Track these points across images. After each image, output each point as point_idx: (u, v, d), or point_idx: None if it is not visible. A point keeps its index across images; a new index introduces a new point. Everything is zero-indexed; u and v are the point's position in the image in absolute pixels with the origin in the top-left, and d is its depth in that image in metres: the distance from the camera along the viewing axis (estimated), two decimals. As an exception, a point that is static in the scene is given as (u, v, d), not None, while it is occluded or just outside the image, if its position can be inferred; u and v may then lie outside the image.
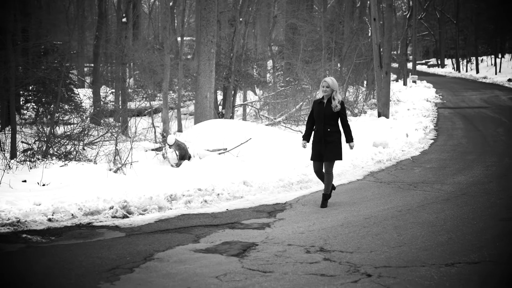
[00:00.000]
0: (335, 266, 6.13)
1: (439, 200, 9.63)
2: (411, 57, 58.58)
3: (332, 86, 9.11)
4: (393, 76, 46.16)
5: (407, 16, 47.00)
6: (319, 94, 9.33)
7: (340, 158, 9.34)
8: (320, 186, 11.16)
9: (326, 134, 9.14)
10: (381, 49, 23.28)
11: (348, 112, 25.08)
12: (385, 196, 10.02)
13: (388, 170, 12.91)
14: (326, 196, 9.31)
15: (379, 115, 23.14)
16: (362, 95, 29.12)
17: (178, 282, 5.69)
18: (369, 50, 27.16)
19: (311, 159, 9.44)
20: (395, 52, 54.00)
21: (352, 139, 9.41)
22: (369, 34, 28.59)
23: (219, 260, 6.43)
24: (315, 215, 8.67)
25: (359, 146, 15.31)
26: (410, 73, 50.68)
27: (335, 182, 11.49)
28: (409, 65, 56.47)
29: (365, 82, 32.14)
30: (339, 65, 29.20)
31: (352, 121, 22.60)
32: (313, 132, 9.42)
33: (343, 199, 9.83)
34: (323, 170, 9.43)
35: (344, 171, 12.47)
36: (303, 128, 20.28)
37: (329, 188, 9.33)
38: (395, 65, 52.12)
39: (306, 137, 9.56)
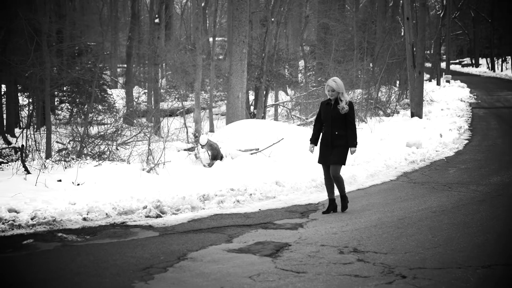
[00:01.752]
0: (369, 267, 6.07)
1: (475, 201, 9.47)
2: (444, 56, 57.83)
3: (337, 89, 8.64)
4: (426, 76, 45.63)
5: (441, 15, 46.44)
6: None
7: (343, 163, 8.80)
8: (352, 186, 11.10)
9: (334, 137, 8.72)
10: (414, 49, 23.03)
11: (380, 112, 24.87)
12: (419, 197, 9.90)
13: (422, 171, 12.75)
14: (343, 197, 8.93)
15: (412, 115, 22.91)
16: (395, 95, 28.85)
17: (212, 282, 5.69)
18: (402, 50, 26.90)
19: (318, 162, 8.99)
20: (428, 52, 53.37)
21: (354, 144, 8.75)
22: (402, 34, 28.31)
23: (252, 260, 6.41)
24: (348, 216, 8.60)
25: (392, 146, 15.18)
26: (443, 73, 50.03)
27: (368, 182, 11.43)
28: (443, 65, 55.76)
29: (397, 82, 31.82)
30: (371, 65, 28.98)
31: (384, 121, 22.44)
32: (321, 134, 8.96)
33: (376, 200, 9.74)
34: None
35: (377, 171, 12.36)
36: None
37: (343, 188, 8.88)
38: (428, 64, 51.50)
39: (313, 141, 9.04)
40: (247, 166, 12.24)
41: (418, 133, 17.98)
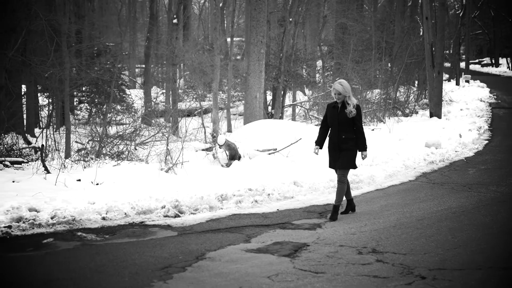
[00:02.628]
0: (388, 268, 6.04)
1: (495, 202, 9.38)
2: (464, 56, 57.34)
3: (344, 92, 8.39)
4: (445, 76, 45.28)
5: (460, 15, 46.06)
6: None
7: (353, 167, 8.61)
8: (371, 186, 11.06)
9: (341, 141, 8.50)
10: (433, 48, 22.87)
11: (398, 112, 24.73)
12: (439, 198, 9.82)
13: (441, 171, 12.66)
14: (336, 207, 8.56)
15: (431, 115, 22.75)
16: (414, 95, 28.67)
17: (230, 282, 5.70)
18: (420, 50, 26.72)
19: (329, 167, 8.80)
20: (447, 52, 52.97)
21: (365, 148, 8.54)
22: (421, 33, 28.14)
23: (271, 260, 6.41)
24: (367, 216, 8.56)
25: (411, 146, 15.08)
26: (462, 73, 49.61)
27: (386, 182, 11.37)
28: (462, 65, 55.28)
29: (416, 82, 31.63)
30: (389, 64, 28.83)
31: (403, 121, 22.31)
32: (327, 137, 8.76)
33: (395, 200, 9.69)
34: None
35: (396, 171, 12.29)
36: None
37: (340, 198, 8.56)
38: (447, 64, 51.08)
39: (319, 143, 8.80)
40: (265, 166, 12.24)
41: (437, 133, 17.85)
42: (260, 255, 6.61)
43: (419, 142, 15.76)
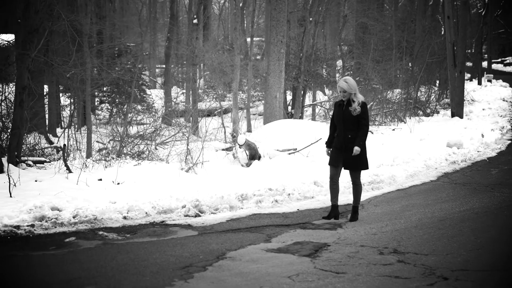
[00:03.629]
0: (409, 268, 5.99)
1: (518, 203, 9.27)
2: (486, 55, 56.73)
3: (349, 89, 8.18)
4: (467, 75, 44.86)
5: (483, 14, 45.60)
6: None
7: (366, 167, 8.38)
8: (391, 186, 10.98)
9: (347, 141, 8.22)
10: (455, 48, 22.67)
11: (419, 112, 24.55)
12: (461, 198, 9.73)
13: (463, 171, 12.54)
14: (355, 208, 8.46)
15: (452, 115, 22.56)
16: (435, 95, 28.44)
17: (251, 281, 5.69)
18: (442, 49, 26.51)
19: (328, 164, 8.51)
20: (469, 51, 52.48)
21: (360, 144, 8.14)
22: (442, 33, 27.91)
23: (291, 260, 6.40)
24: (388, 216, 8.51)
25: (432, 146, 14.96)
26: (485, 72, 49.09)
27: (408, 182, 11.29)
28: (484, 64, 54.71)
29: (437, 81, 31.37)
30: (410, 64, 28.63)
31: (424, 121, 22.15)
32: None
33: (416, 201, 9.61)
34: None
35: (417, 171, 12.20)
36: (374, 128, 20.02)
37: (358, 199, 8.47)
38: (469, 64, 50.61)
39: (329, 144, 8.58)
40: (285, 166, 12.22)
41: (459, 133, 17.70)
42: (280, 255, 6.60)
43: (441, 142, 15.63)
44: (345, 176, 11.09)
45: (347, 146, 8.22)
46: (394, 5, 31.94)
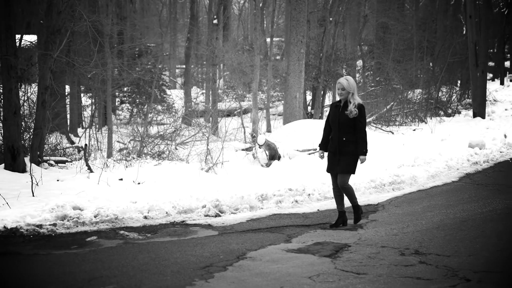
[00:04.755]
0: (431, 270, 5.93)
1: (542, 204, 9.14)
2: (509, 55, 56.08)
3: (348, 87, 7.83)
4: (489, 75, 44.40)
5: (505, 13, 45.08)
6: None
7: (352, 172, 7.96)
8: (413, 187, 10.91)
9: (341, 144, 7.87)
10: (477, 47, 22.45)
11: (441, 112, 24.35)
12: (483, 199, 9.62)
13: (486, 172, 12.40)
14: (355, 207, 8.10)
15: (474, 115, 22.35)
16: (456, 95, 28.20)
17: (271, 282, 5.68)
18: (464, 49, 26.27)
19: (326, 171, 8.20)
20: (491, 50, 51.94)
21: (364, 151, 7.85)
22: (464, 32, 27.65)
23: (312, 260, 6.38)
24: (409, 217, 8.44)
25: (454, 146, 14.83)
26: (507, 72, 48.61)
27: (429, 183, 11.20)
28: (507, 64, 54.13)
29: (458, 81, 31.10)
30: (431, 64, 28.42)
31: (445, 121, 21.98)
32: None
33: (438, 201, 9.53)
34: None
35: (439, 172, 12.09)
36: (394, 129, 19.91)
37: (354, 199, 8.07)
38: (491, 63, 50.09)
39: (322, 146, 8.22)
40: (305, 166, 12.19)
41: (480, 133, 17.53)
42: (301, 255, 6.58)
43: (462, 142, 15.48)
44: (367, 175, 11.06)
45: (341, 150, 7.89)
46: (415, 4, 31.70)
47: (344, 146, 7.87)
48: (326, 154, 8.29)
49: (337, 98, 8.23)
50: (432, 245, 6.86)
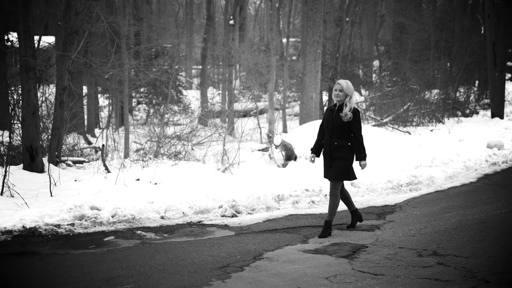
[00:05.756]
0: (449, 271, 5.89)
1: (562, 205, 9.04)
2: (527, 54, 55.50)
3: (346, 90, 7.54)
4: (508, 75, 43.95)
5: (523, 12, 44.61)
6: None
7: (347, 178, 7.65)
8: (430, 188, 10.83)
9: (332, 149, 7.59)
10: (496, 47, 22.25)
11: (458, 113, 24.16)
12: (502, 200, 9.52)
13: (504, 173, 12.28)
14: (327, 223, 7.61)
15: (492, 116, 22.14)
16: (474, 95, 27.97)
17: (288, 282, 5.67)
18: (482, 49, 26.04)
19: (324, 177, 7.91)
20: (510, 50, 51.44)
21: (363, 157, 7.55)
22: (482, 32, 27.42)
23: (329, 261, 6.36)
24: (427, 218, 8.39)
25: (472, 147, 14.71)
26: (525, 72, 48.10)
27: (447, 184, 11.11)
28: (525, 63, 53.58)
29: (476, 81, 30.85)
30: (448, 64, 28.22)
31: (463, 121, 21.81)
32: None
33: (456, 202, 9.45)
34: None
35: (456, 173, 12.00)
36: (411, 129, 19.79)
37: (333, 214, 7.63)
38: (510, 63, 49.58)
39: (314, 150, 7.94)
40: (322, 167, 12.13)
41: (499, 134, 17.35)
42: (318, 256, 6.57)
43: (481, 143, 15.34)
44: (384, 176, 11.01)
45: (332, 155, 7.61)
46: (432, 4, 31.50)
47: (335, 151, 7.59)
48: (318, 159, 8.05)
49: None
50: (450, 246, 6.81)
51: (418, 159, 13.13)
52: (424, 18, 28.57)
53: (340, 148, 7.56)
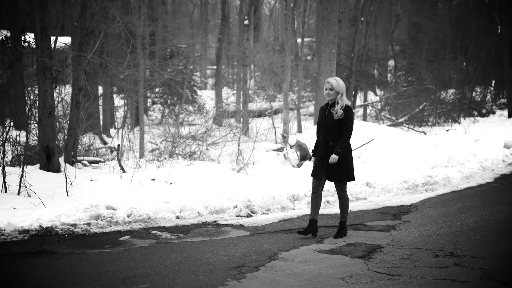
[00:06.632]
0: (466, 272, 5.85)
1: None
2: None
3: (337, 87, 7.33)
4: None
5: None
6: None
7: (352, 178, 7.50)
8: (446, 188, 10.76)
9: (328, 149, 7.38)
10: (512, 46, 22.05)
11: (474, 113, 23.99)
12: (519, 200, 9.44)
13: (521, 173, 12.18)
14: (342, 223, 7.54)
15: (509, 115, 21.96)
16: (491, 95, 27.76)
17: (304, 282, 5.66)
18: (498, 48, 25.83)
19: (310, 175, 7.68)
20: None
21: (338, 151, 7.26)
22: (499, 31, 27.21)
23: (344, 261, 6.34)
24: (443, 219, 8.33)
25: (488, 147, 14.60)
26: (542, 71, 47.63)
27: (463, 184, 11.03)
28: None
29: (493, 81, 30.61)
30: (464, 63, 28.03)
31: (479, 121, 21.66)
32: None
33: (472, 203, 9.38)
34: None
35: (473, 173, 11.91)
36: (427, 129, 19.68)
37: (345, 214, 7.54)
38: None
39: (315, 152, 7.73)
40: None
41: (516, 134, 17.19)
42: (333, 256, 6.55)
43: (497, 143, 15.21)
44: (399, 176, 10.95)
45: (328, 155, 7.38)
46: (448, 3, 31.31)
47: (331, 151, 7.35)
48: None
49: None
50: (467, 247, 6.76)
51: (434, 159, 13.05)
52: (440, 17, 28.41)
53: (335, 148, 7.35)
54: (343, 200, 7.52)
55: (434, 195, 10.17)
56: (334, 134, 7.37)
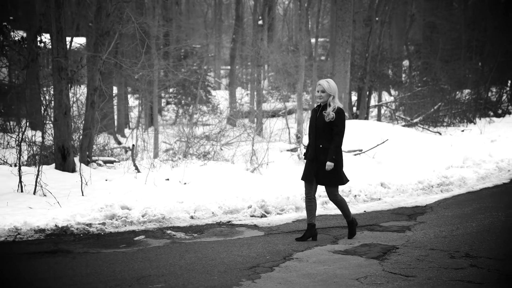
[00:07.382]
0: (483, 273, 5.80)
1: None
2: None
3: (328, 90, 7.18)
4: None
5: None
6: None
7: (341, 182, 7.37)
8: (462, 189, 10.68)
9: (318, 151, 7.24)
10: (528, 46, 21.88)
11: (490, 113, 23.80)
12: (536, 202, 9.36)
13: (538, 174, 12.07)
14: (349, 223, 7.46)
15: (525, 116, 21.78)
16: (507, 95, 27.54)
17: (318, 283, 5.65)
18: (514, 47, 25.61)
19: (301, 178, 7.57)
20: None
21: (331, 158, 7.13)
22: (514, 30, 26.95)
23: (359, 262, 6.31)
24: (459, 220, 8.27)
25: (505, 148, 14.49)
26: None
27: (479, 185, 10.95)
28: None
29: (509, 81, 30.36)
30: (480, 63, 27.83)
31: (495, 122, 21.49)
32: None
33: (488, 204, 9.31)
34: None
35: (489, 174, 11.82)
36: (442, 129, 19.57)
37: (348, 213, 7.43)
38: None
39: (307, 155, 7.60)
40: (351, 167, 12.06)
41: (532, 134, 17.06)
42: (348, 257, 6.52)
43: (513, 143, 15.11)
44: (414, 177, 10.89)
45: (318, 158, 7.25)
46: (463, 3, 31.11)
47: (321, 153, 7.23)
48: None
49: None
50: (483, 248, 6.71)
51: (449, 159, 12.98)
52: (455, 17, 28.23)
53: (325, 150, 7.22)
54: (339, 203, 7.42)
55: (449, 196, 10.11)
56: (324, 136, 7.24)
